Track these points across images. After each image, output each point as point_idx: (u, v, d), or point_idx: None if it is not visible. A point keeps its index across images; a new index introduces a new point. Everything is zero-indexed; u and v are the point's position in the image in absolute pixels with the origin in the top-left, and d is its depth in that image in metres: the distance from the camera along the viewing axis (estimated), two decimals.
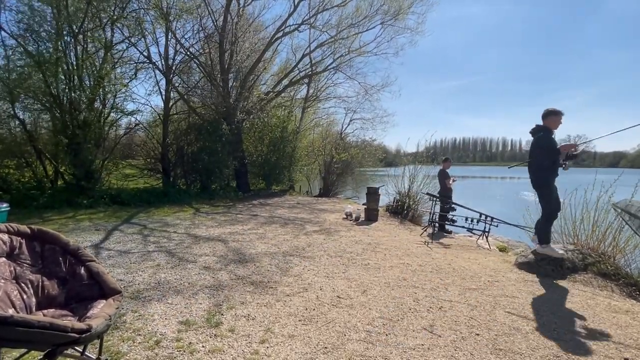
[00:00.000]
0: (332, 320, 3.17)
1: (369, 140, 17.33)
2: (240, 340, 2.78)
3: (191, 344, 2.70)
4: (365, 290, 3.93)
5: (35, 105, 9.45)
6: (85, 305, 2.31)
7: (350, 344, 2.77)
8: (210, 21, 12.55)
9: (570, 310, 3.60)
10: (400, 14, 14.36)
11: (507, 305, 3.63)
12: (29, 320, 1.77)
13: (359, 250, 5.63)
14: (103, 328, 2.08)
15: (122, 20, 9.46)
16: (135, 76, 11.05)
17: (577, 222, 5.32)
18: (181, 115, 13.35)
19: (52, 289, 2.37)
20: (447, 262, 5.18)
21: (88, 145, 9.25)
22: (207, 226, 7.10)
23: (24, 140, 9.48)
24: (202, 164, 11.97)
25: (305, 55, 15.00)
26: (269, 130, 14.30)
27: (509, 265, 5.18)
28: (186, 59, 12.75)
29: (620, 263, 4.78)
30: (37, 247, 2.47)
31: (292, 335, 2.87)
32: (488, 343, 2.85)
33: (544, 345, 2.84)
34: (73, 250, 2.56)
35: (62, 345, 1.89)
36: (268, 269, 4.55)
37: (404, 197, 9.33)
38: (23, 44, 8.73)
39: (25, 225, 2.49)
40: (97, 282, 2.48)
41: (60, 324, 1.85)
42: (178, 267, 4.53)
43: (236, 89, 13.05)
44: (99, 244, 5.52)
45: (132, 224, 7.20)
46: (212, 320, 3.08)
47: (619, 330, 3.18)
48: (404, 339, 2.87)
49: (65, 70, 8.88)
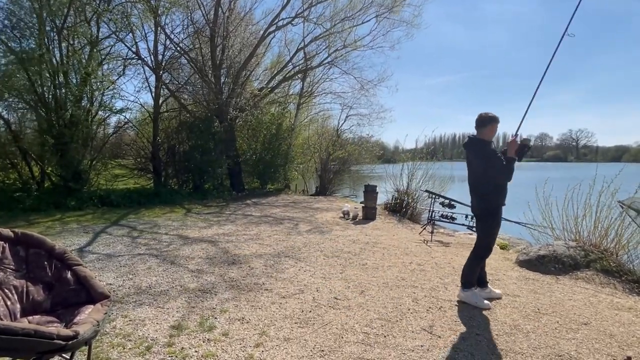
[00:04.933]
0: (329, 322, 3.12)
1: (366, 137, 17.18)
2: (234, 344, 2.73)
3: (183, 349, 2.64)
4: (363, 290, 3.87)
5: (19, 104, 9.21)
6: (72, 311, 2.28)
7: (348, 346, 2.73)
8: (200, 15, 12.35)
9: (572, 308, 3.57)
10: (396, 6, 14.18)
11: (508, 304, 3.60)
12: (12, 328, 1.73)
13: (357, 250, 5.56)
14: (91, 334, 2.05)
15: (107, 14, 9.20)
16: (123, 73, 10.84)
17: (578, 218, 5.29)
18: (172, 113, 13.13)
19: (37, 294, 2.32)
20: (447, 261, 5.14)
21: (75, 145, 9.02)
22: (199, 227, 6.98)
23: (9, 140, 9.20)
24: (194, 163, 11.80)
25: (300, 49, 14.79)
26: (263, 127, 14.13)
27: (510, 263, 5.15)
28: (176, 55, 12.51)
29: (623, 259, 4.78)
30: (22, 252, 2.41)
31: (287, 339, 2.83)
32: (489, 343, 2.83)
33: (545, 345, 2.81)
34: (59, 254, 2.52)
35: (48, 353, 1.85)
36: (263, 271, 4.46)
37: (403, 194, 9.27)
38: (5, 41, 8.46)
39: (9, 229, 2.42)
40: (85, 286, 2.44)
41: (45, 330, 1.81)
42: (169, 269, 4.42)
43: (228, 85, 12.87)
44: (86, 247, 5.38)
45: (121, 225, 7.05)
46: (205, 324, 3.02)
47: (622, 327, 3.16)
48: (402, 340, 2.83)
49: (49, 67, 8.64)
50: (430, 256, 5.37)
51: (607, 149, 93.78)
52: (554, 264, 4.71)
